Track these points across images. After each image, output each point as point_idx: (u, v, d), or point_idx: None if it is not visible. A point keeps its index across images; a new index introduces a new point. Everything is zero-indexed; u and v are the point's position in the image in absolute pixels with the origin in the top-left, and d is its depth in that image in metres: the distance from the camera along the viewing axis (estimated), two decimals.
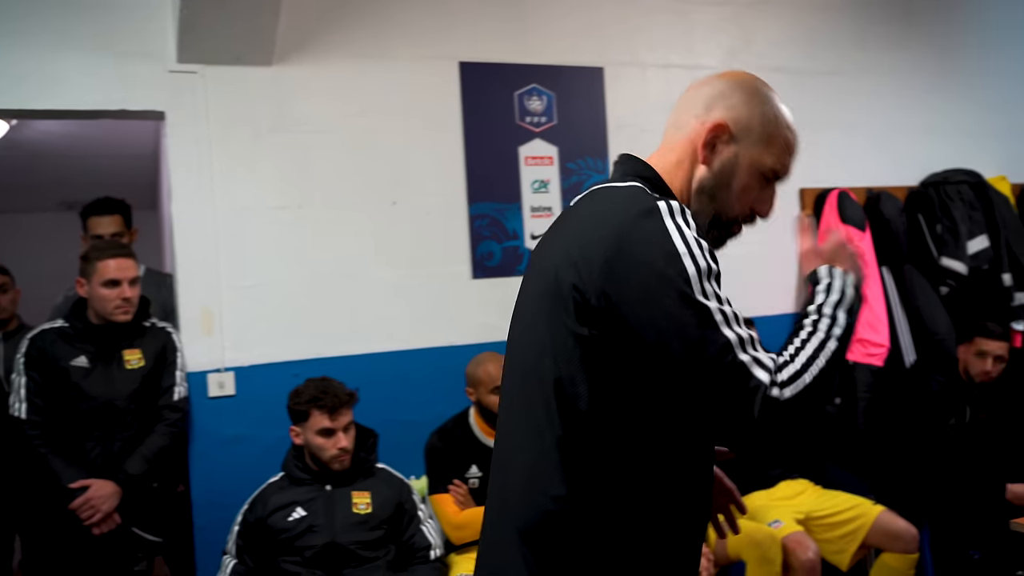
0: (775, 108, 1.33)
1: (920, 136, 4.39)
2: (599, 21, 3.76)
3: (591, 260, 1.18)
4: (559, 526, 1.22)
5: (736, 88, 1.32)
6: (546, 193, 3.63)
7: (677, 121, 1.35)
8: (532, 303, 1.31)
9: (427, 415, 3.27)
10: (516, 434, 1.30)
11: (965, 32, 4.59)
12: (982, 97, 4.59)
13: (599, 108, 3.72)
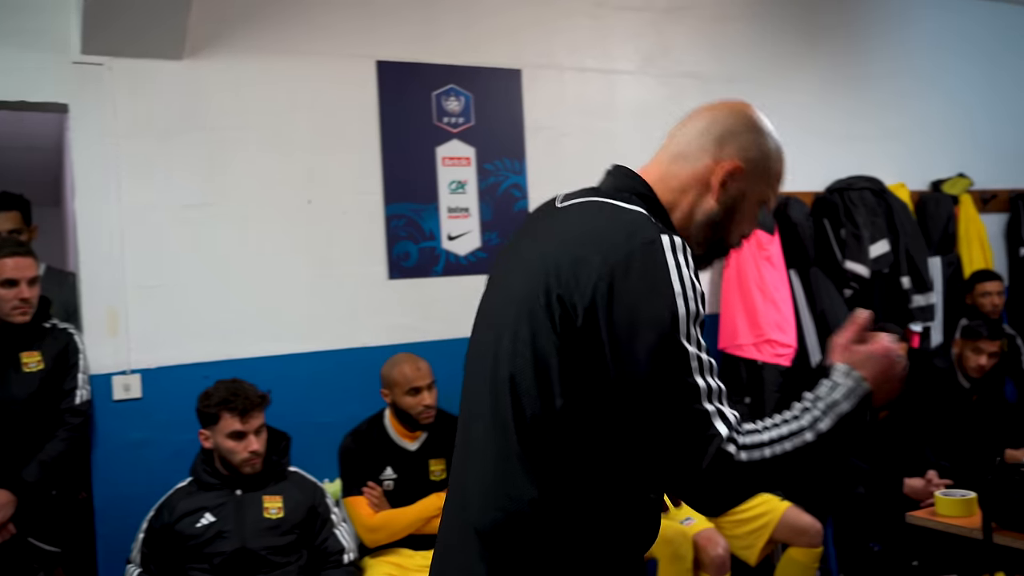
0: (775, 143, 1.40)
1: (826, 143, 4.54)
2: (517, 23, 3.78)
3: (583, 279, 1.19)
4: (522, 529, 1.24)
5: (747, 127, 1.38)
6: (463, 194, 3.62)
7: (685, 152, 1.37)
8: (511, 306, 1.31)
9: (341, 417, 3.23)
10: (482, 436, 1.31)
11: (869, 46, 4.77)
12: (883, 107, 4.77)
13: (516, 110, 3.74)
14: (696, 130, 1.38)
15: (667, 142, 1.41)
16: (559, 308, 1.20)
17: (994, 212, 5.15)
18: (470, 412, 1.38)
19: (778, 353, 3.93)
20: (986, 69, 5.17)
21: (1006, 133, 5.24)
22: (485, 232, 3.65)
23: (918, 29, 4.94)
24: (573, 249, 1.23)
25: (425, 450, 3.04)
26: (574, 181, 4.01)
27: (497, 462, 1.27)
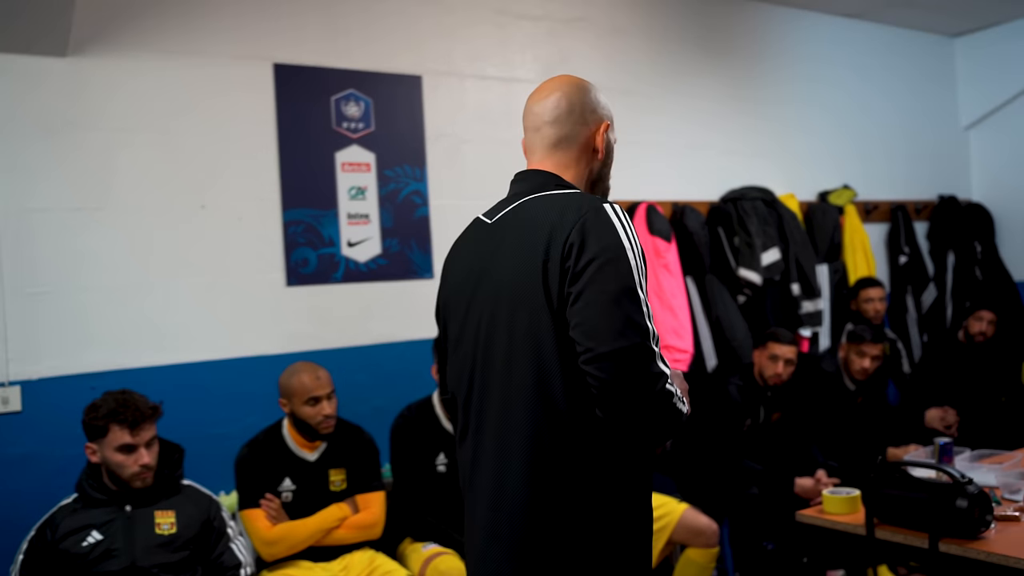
0: (599, 92, 1.71)
1: (720, 155, 4.68)
2: (418, 29, 3.76)
3: (560, 241, 1.46)
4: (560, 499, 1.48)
5: (587, 90, 1.67)
6: (363, 200, 3.58)
7: (564, 135, 1.65)
8: (505, 289, 1.53)
9: (237, 428, 3.14)
10: (501, 422, 1.52)
11: (761, 64, 4.94)
12: (774, 121, 4.95)
13: (417, 116, 3.72)
14: (560, 113, 1.65)
15: (534, 137, 1.68)
16: (553, 269, 1.46)
17: (876, 222, 5.41)
18: (476, 406, 1.58)
19: (675, 359, 4.02)
20: (868, 87, 5.43)
21: (886, 148, 5.51)
22: (386, 239, 3.62)
23: (805, 48, 5.15)
24: (546, 232, 1.48)
25: (325, 460, 2.98)
26: (475, 188, 4.06)
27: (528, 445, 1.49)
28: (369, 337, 3.59)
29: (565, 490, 1.48)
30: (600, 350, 1.38)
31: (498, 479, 1.53)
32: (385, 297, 3.63)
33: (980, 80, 5.91)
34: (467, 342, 1.61)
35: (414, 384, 3.47)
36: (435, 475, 3.18)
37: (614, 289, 1.41)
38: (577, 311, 1.42)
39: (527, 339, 1.49)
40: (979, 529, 2.18)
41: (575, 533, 1.48)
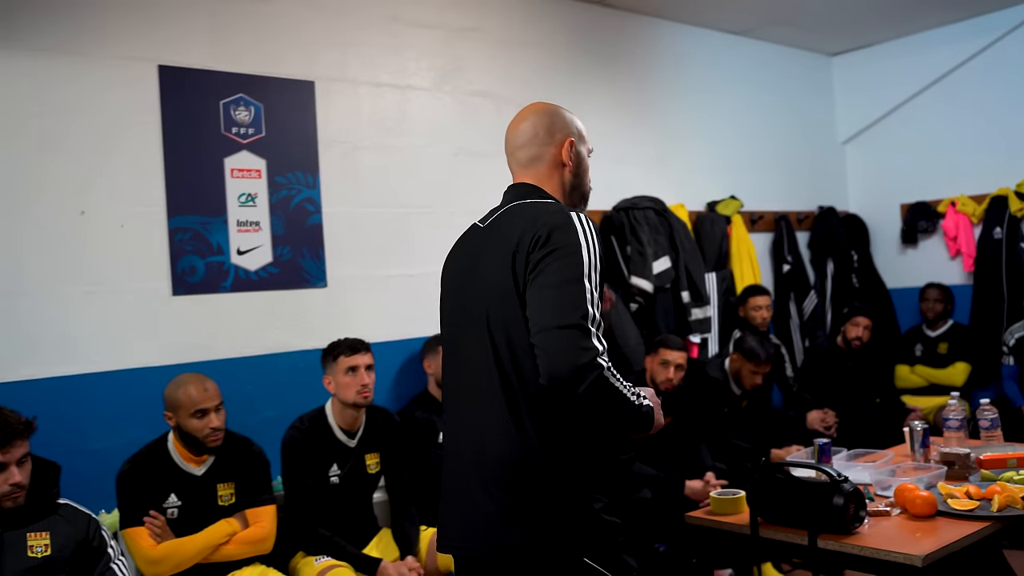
0: (568, 112, 2.00)
1: (613, 165, 4.77)
2: (310, 34, 3.70)
3: (530, 239, 1.71)
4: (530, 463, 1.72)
5: (555, 113, 1.97)
6: (254, 207, 3.50)
7: (534, 155, 1.94)
8: (490, 289, 1.77)
9: (119, 443, 3.02)
10: (486, 404, 1.76)
11: (653, 77, 5.07)
12: (664, 133, 5.08)
13: (309, 122, 3.66)
14: (528, 137, 1.94)
15: (511, 161, 1.98)
16: (517, 275, 1.71)
17: (761, 231, 5.61)
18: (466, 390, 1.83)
19: None
20: (753, 101, 5.64)
21: (770, 160, 5.73)
22: (277, 246, 3.55)
23: (694, 62, 5.31)
24: (519, 229, 1.75)
25: (212, 474, 2.90)
26: (369, 196, 4.02)
27: (504, 420, 1.73)
28: (260, 347, 3.51)
29: (533, 443, 1.72)
30: (543, 324, 1.63)
31: (480, 437, 1.77)
32: (277, 306, 3.55)
33: (856, 97, 6.21)
34: (455, 337, 1.88)
35: (307, 395, 3.41)
36: (328, 487, 3.13)
37: (563, 277, 1.65)
38: (531, 293, 1.68)
39: (500, 322, 1.74)
40: (854, 525, 2.28)
41: (535, 478, 1.72)
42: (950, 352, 5.42)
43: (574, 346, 1.60)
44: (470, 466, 1.80)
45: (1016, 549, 4.18)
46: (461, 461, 1.83)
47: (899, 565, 2.13)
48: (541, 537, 1.70)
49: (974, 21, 5.57)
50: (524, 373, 1.72)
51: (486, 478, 1.75)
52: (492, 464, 1.74)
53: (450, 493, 1.86)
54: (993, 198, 5.46)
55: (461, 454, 1.83)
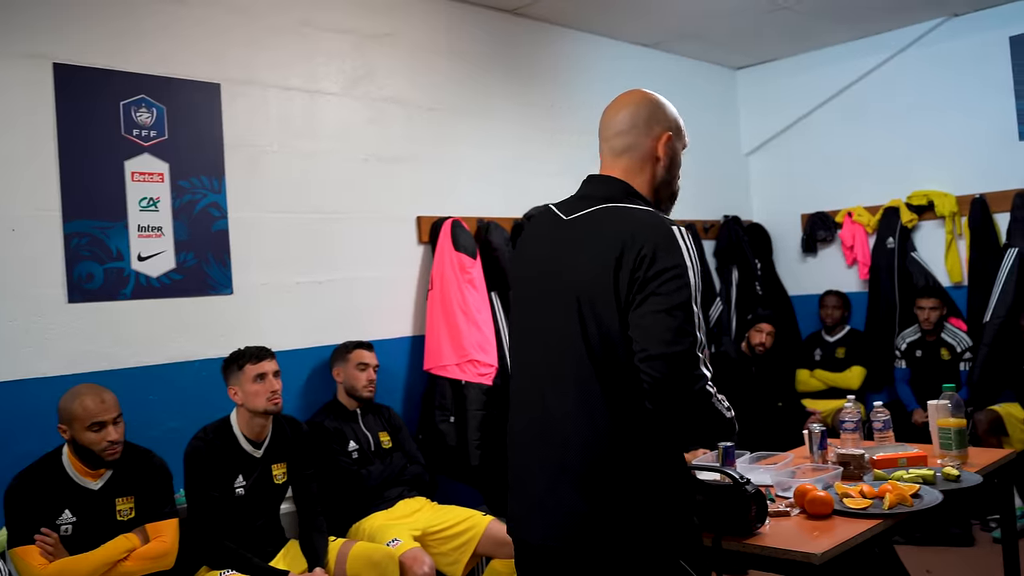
0: (671, 106, 1.95)
1: (524, 174, 4.81)
2: (217, 35, 3.62)
3: (633, 254, 1.69)
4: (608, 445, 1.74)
5: (656, 104, 1.92)
6: (156, 212, 3.39)
7: (628, 144, 1.89)
8: (570, 291, 1.77)
9: (9, 457, 2.89)
10: (563, 404, 1.78)
11: (562, 87, 5.12)
12: (574, 141, 5.14)
13: (215, 125, 3.57)
14: (625, 126, 1.90)
15: (604, 146, 1.93)
16: (621, 283, 1.70)
17: None
18: (545, 375, 1.83)
19: (481, 372, 4.07)
20: None
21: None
22: (180, 252, 3.45)
23: (604, 73, 5.39)
24: (621, 237, 1.71)
25: (110, 488, 2.80)
26: (278, 201, 3.95)
27: (591, 423, 1.74)
28: (162, 356, 3.40)
29: (620, 438, 1.74)
30: (653, 351, 1.65)
31: (564, 427, 1.77)
32: (180, 314, 3.45)
33: (759, 110, 6.41)
34: (536, 323, 1.86)
35: (211, 405, 3.33)
36: (233, 498, 3.05)
37: (673, 302, 1.66)
38: (639, 315, 1.68)
39: (595, 322, 1.73)
40: (756, 526, 2.34)
41: (626, 473, 1.74)
42: (847, 357, 5.63)
43: (686, 374, 1.65)
44: (550, 454, 1.79)
45: (907, 544, 4.37)
46: (540, 448, 1.82)
47: (798, 563, 2.20)
48: (630, 533, 1.72)
49: (869, 40, 5.81)
50: (615, 377, 1.73)
51: (570, 468, 1.76)
52: (579, 454, 1.75)
53: (524, 481, 1.86)
54: (886, 209, 5.70)
55: (540, 440, 1.83)
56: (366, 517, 3.47)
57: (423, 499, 3.67)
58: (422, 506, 3.62)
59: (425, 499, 3.68)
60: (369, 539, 3.33)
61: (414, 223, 4.29)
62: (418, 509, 3.59)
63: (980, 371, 5.04)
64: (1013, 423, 4.70)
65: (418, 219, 4.29)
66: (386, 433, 3.70)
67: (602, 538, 1.74)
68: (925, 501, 2.50)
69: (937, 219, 5.57)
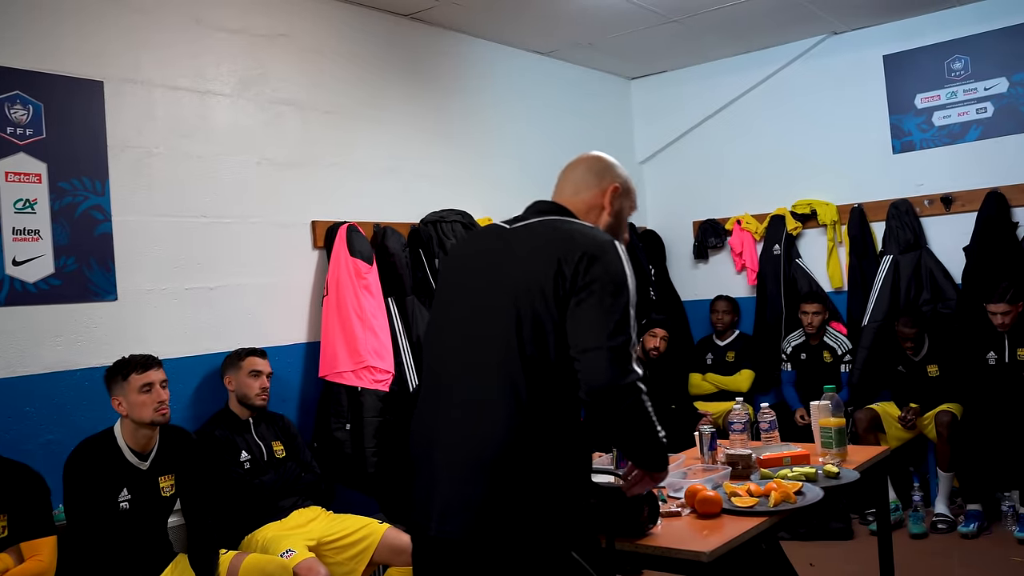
0: (625, 171, 2.14)
1: (420, 179, 4.79)
2: (100, 31, 3.47)
3: (571, 263, 1.80)
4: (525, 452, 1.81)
5: (610, 164, 2.12)
6: (32, 214, 3.23)
7: (579, 186, 2.08)
8: (504, 295, 1.85)
9: None
10: (484, 397, 1.83)
11: (459, 93, 5.13)
12: (471, 146, 5.16)
13: (98, 125, 3.43)
14: (579, 174, 2.09)
15: (560, 184, 2.12)
16: (560, 281, 1.79)
17: None
18: (471, 384, 1.88)
19: (377, 379, 4.03)
20: (557, 120, 5.83)
21: None
22: (60, 257, 3.29)
23: (502, 80, 5.43)
24: (564, 241, 1.84)
25: None
26: (166, 204, 3.83)
27: (509, 414, 1.80)
28: (40, 365, 3.24)
29: (534, 435, 1.81)
30: (590, 345, 1.75)
31: (477, 421, 1.84)
32: (60, 321, 3.30)
33: (652, 119, 6.56)
34: (465, 314, 1.94)
35: (93, 415, 3.19)
36: (117, 513, 2.93)
37: (612, 302, 1.76)
38: (579, 313, 1.77)
39: (531, 320, 1.81)
40: (648, 527, 2.39)
41: (534, 469, 1.81)
42: (737, 360, 5.81)
43: (621, 366, 1.74)
44: (454, 448, 1.85)
45: (792, 539, 4.54)
46: (444, 441, 1.87)
47: (688, 562, 2.25)
48: (530, 526, 1.78)
49: (756, 54, 6.03)
50: (543, 373, 1.80)
51: (479, 460, 1.80)
52: (483, 447, 1.80)
53: (427, 472, 1.90)
54: (772, 217, 5.92)
55: (445, 434, 1.88)
56: (259, 528, 3.39)
57: (318, 508, 3.60)
58: (317, 515, 3.56)
59: (320, 508, 3.61)
60: (262, 551, 3.25)
61: (309, 228, 4.21)
62: (313, 518, 3.52)
63: (859, 372, 5.29)
64: (889, 421, 4.95)
65: (313, 224, 4.22)
66: (280, 442, 3.62)
67: (502, 530, 1.79)
68: (807, 498, 2.61)
69: (820, 227, 5.82)
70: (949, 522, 4.71)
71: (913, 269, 5.31)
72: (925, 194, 5.41)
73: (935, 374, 4.95)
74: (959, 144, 5.35)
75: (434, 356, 2.01)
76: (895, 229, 5.39)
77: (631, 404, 1.77)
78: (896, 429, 4.93)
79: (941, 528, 4.70)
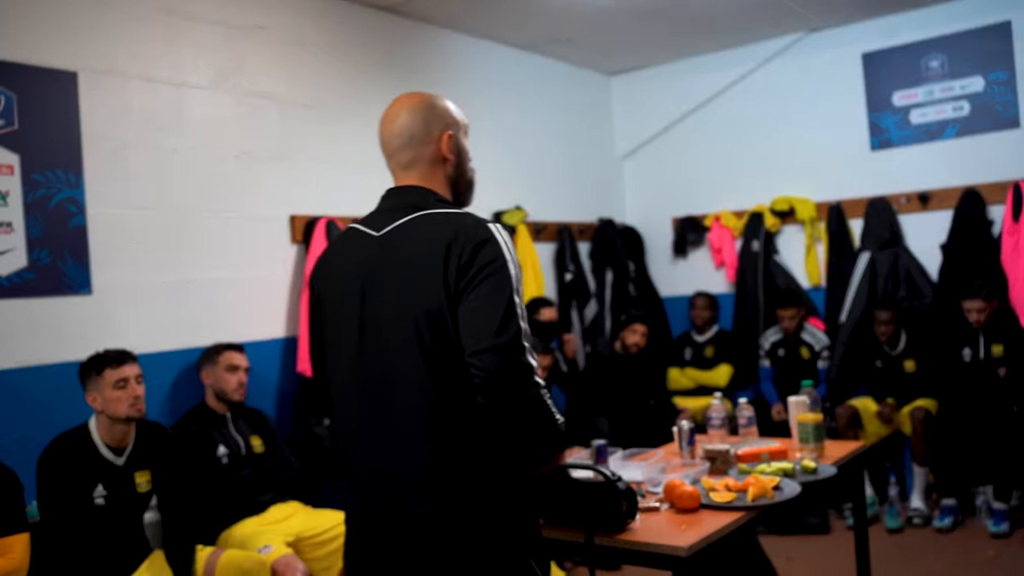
0: (443, 100, 1.96)
1: None
2: (73, 21, 3.42)
3: (460, 259, 1.68)
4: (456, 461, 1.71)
5: (428, 106, 1.92)
6: (5, 207, 3.18)
7: (414, 155, 1.89)
8: (394, 308, 1.74)
9: None
10: (407, 416, 1.72)
11: (439, 86, 5.11)
12: None
13: (72, 117, 3.38)
14: (404, 139, 1.89)
15: (391, 163, 1.94)
16: (451, 277, 1.68)
17: (545, 241, 5.80)
18: (374, 403, 1.76)
19: None
20: (538, 115, 5.82)
21: (554, 173, 5.93)
22: (33, 250, 3.25)
23: (483, 75, 5.41)
24: (440, 243, 1.70)
25: None
26: (142, 197, 3.79)
27: (421, 421, 1.71)
28: (12, 360, 3.20)
29: (458, 453, 1.72)
30: (481, 345, 1.64)
31: (402, 448, 1.73)
32: (32, 315, 3.25)
33: (632, 115, 6.57)
34: (353, 340, 1.79)
35: (67, 411, 3.15)
36: (92, 509, 2.90)
37: (496, 294, 1.66)
38: (464, 310, 1.67)
39: (429, 335, 1.70)
40: (627, 521, 2.39)
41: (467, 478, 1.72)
42: (715, 356, 5.83)
43: (514, 365, 1.65)
44: (390, 476, 1.74)
45: (770, 534, 4.57)
46: (375, 474, 1.76)
47: (667, 556, 2.26)
48: (473, 539, 1.71)
49: (735, 51, 6.05)
50: (451, 388, 1.70)
51: (411, 486, 1.71)
52: (417, 472, 1.71)
53: (365, 506, 1.79)
54: (752, 214, 5.94)
55: (375, 466, 1.76)
56: (237, 524, 3.37)
57: (296, 503, 3.59)
58: (295, 511, 3.54)
59: (299, 503, 3.60)
60: (240, 546, 3.23)
61: (287, 222, 4.18)
62: (291, 514, 3.50)
63: (837, 368, 5.32)
64: (868, 417, 4.99)
65: (291, 218, 4.19)
66: (258, 437, 3.60)
67: (445, 546, 1.71)
68: (785, 493, 2.62)
69: (798, 224, 5.84)
70: (924, 516, 4.76)
71: (890, 266, 5.35)
72: (902, 191, 5.45)
73: (912, 370, 4.99)
74: (936, 142, 5.39)
75: (340, 387, 1.84)
76: (873, 226, 5.43)
77: (532, 399, 1.66)
78: (875, 425, 4.97)
79: (917, 522, 4.75)
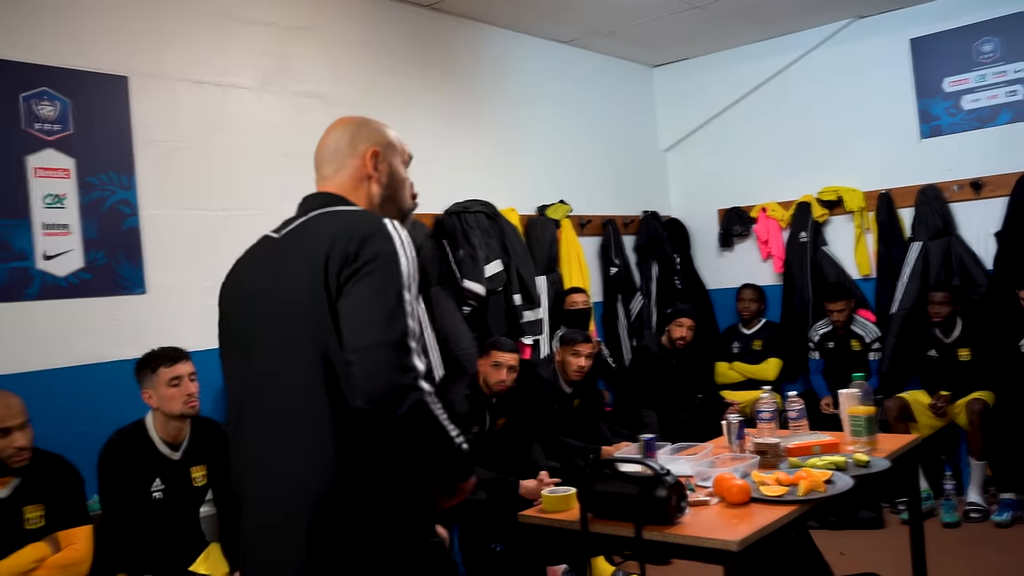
0: (377, 122, 1.88)
1: (444, 170, 4.79)
2: (123, 26, 3.49)
3: (342, 250, 1.55)
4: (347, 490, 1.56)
5: (359, 125, 1.84)
6: (62, 209, 3.27)
7: (336, 167, 1.80)
8: (284, 311, 1.62)
9: None
10: (298, 434, 1.58)
11: (482, 83, 5.12)
12: (495, 139, 5.15)
13: (124, 120, 3.45)
14: (329, 153, 1.81)
15: (317, 178, 1.83)
16: (332, 276, 1.55)
17: (590, 235, 5.78)
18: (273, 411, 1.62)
19: None
20: (580, 109, 5.81)
21: (597, 166, 5.91)
22: (90, 251, 3.33)
23: (524, 70, 5.41)
24: (328, 239, 1.59)
25: (18, 497, 2.70)
26: (191, 197, 3.85)
27: (316, 443, 1.56)
28: (72, 358, 3.28)
29: (350, 476, 1.56)
30: (360, 342, 1.49)
31: (290, 470, 1.59)
32: (90, 314, 3.34)
33: (675, 107, 6.52)
34: (253, 349, 1.68)
35: (125, 407, 3.22)
36: (150, 503, 2.97)
37: (380, 290, 1.52)
38: (346, 305, 1.53)
39: (318, 344, 1.56)
40: (676, 515, 2.38)
41: (361, 513, 1.57)
42: (764, 349, 5.77)
43: (393, 365, 1.48)
44: (275, 504, 1.61)
45: (821, 529, 4.51)
46: (262, 497, 1.64)
47: (717, 551, 2.25)
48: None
49: (780, 40, 5.97)
50: (342, 398, 1.54)
51: (295, 518, 1.56)
52: (302, 502, 1.55)
53: (252, 534, 1.68)
54: (799, 204, 5.87)
55: (263, 489, 1.64)
56: None
57: None
58: None
59: None
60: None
61: None
62: None
63: (888, 360, 5.23)
64: (920, 409, 4.90)
65: None
66: None
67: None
68: (837, 487, 2.58)
69: (846, 214, 5.75)
70: (983, 511, 4.66)
71: (943, 255, 5.24)
72: (954, 179, 5.34)
73: (966, 358, 4.89)
74: (989, 128, 5.26)
75: (235, 403, 1.72)
76: (924, 215, 5.33)
77: (414, 407, 1.48)
78: (927, 417, 4.88)
79: (974, 517, 4.65)
